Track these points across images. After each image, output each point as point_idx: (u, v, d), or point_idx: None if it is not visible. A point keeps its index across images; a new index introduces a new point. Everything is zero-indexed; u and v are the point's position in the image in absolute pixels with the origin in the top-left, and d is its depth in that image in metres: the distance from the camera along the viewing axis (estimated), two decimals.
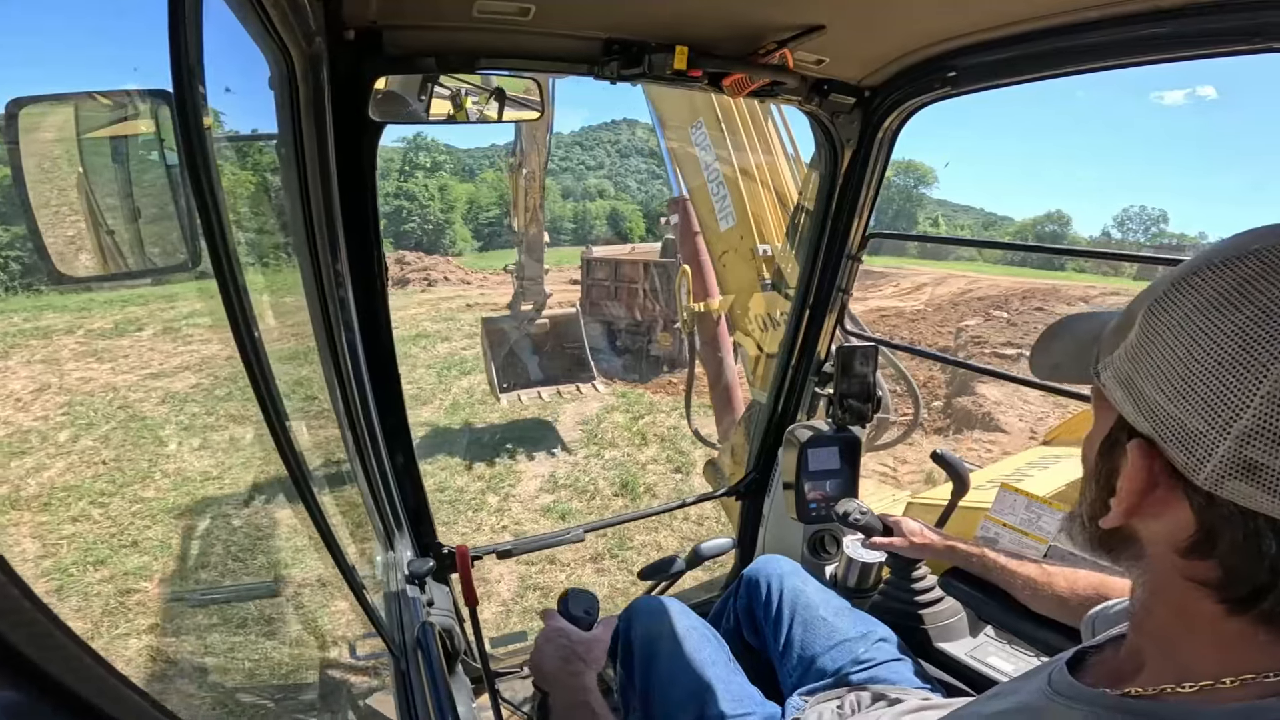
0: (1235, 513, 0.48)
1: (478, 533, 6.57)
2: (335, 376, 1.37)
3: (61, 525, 6.48)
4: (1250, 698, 0.50)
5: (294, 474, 1.01)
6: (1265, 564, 0.48)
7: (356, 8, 1.13)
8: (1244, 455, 0.46)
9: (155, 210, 0.87)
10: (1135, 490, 0.54)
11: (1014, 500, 1.71)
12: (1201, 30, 1.13)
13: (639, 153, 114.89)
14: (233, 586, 5.37)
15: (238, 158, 1.64)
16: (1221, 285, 0.49)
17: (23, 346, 13.36)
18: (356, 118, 1.24)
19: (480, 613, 1.61)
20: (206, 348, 12.92)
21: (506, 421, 9.43)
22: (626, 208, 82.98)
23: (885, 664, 1.38)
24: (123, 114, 0.81)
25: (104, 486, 7.25)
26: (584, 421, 9.61)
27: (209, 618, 5.04)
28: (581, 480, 7.70)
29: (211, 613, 5.09)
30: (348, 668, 4.21)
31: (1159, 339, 0.52)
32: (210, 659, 4.52)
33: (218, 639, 4.74)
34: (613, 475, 7.89)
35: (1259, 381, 0.45)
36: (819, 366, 2.16)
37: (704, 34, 1.37)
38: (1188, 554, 0.52)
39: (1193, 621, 0.55)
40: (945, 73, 1.55)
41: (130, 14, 25.81)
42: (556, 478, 7.75)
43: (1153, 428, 0.52)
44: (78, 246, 0.85)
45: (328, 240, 1.24)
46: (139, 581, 5.51)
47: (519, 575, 5.51)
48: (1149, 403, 0.52)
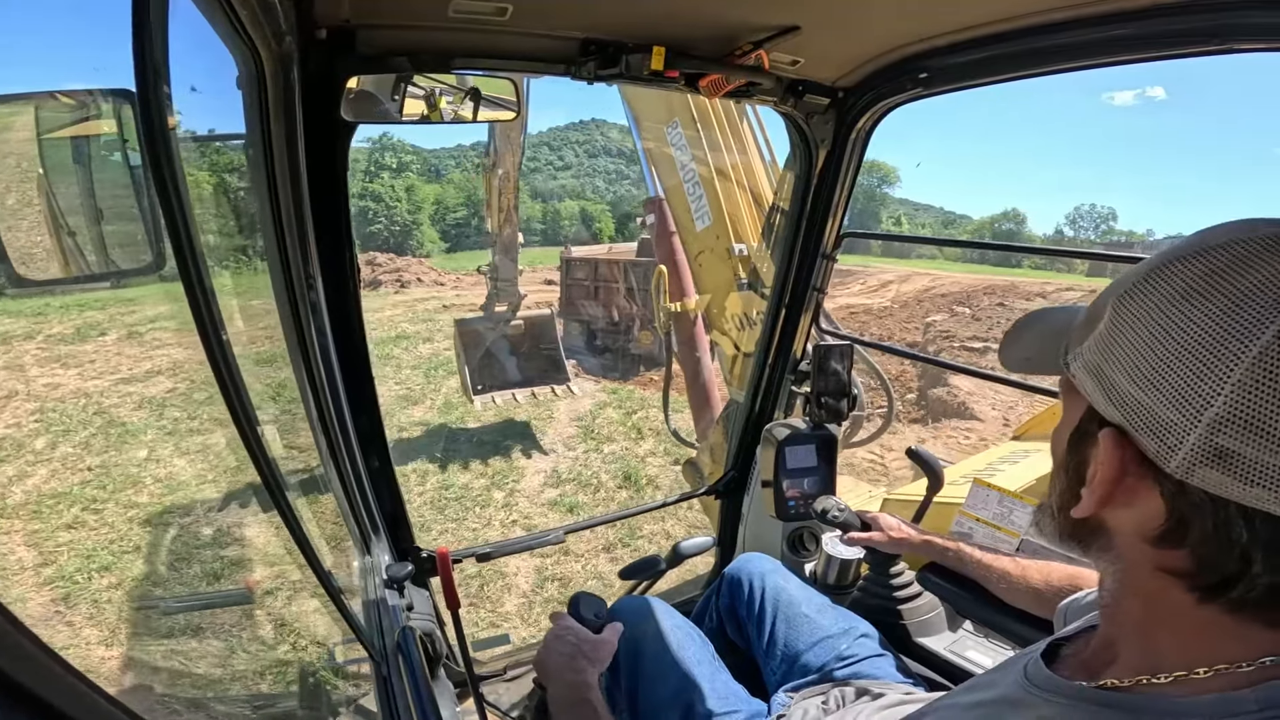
0: (1206, 500, 0.49)
1: (488, 528, 6.56)
2: (308, 380, 1.34)
3: (57, 532, 6.30)
4: (1224, 688, 0.51)
5: (266, 480, 0.99)
6: (1235, 552, 0.48)
7: (329, 6, 1.11)
8: (1215, 443, 0.47)
9: (118, 212, 0.85)
10: (1107, 479, 0.54)
11: (987, 495, 1.75)
12: (1165, 31, 1.16)
13: (607, 153, 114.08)
14: (207, 594, 5.26)
15: (204, 159, 1.60)
16: (1191, 276, 0.50)
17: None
18: (328, 118, 1.22)
19: (502, 605, 1.61)
20: (174, 352, 12.61)
21: (503, 420, 9.38)
22: (595, 208, 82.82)
23: (868, 659, 1.40)
24: (84, 114, 0.79)
25: (94, 493, 7.06)
26: (579, 418, 9.64)
27: (184, 626, 4.92)
28: (584, 474, 7.70)
29: (187, 621, 4.97)
30: (327, 675, 4.15)
31: (1129, 329, 0.53)
32: (187, 668, 4.42)
33: (194, 648, 4.64)
34: (614, 468, 7.91)
35: (1230, 370, 0.46)
36: (795, 365, 2.17)
37: (681, 35, 1.37)
38: (1159, 543, 0.53)
39: (1164, 612, 0.55)
40: (918, 74, 1.57)
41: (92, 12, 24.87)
42: (559, 472, 7.74)
43: (1124, 416, 0.52)
44: (38, 249, 0.82)
45: (298, 242, 1.22)
46: (132, 587, 5.39)
47: (535, 568, 5.55)
48: (1120, 392, 0.53)
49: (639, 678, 1.39)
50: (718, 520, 2.46)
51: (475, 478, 7.65)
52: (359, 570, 1.65)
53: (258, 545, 6.03)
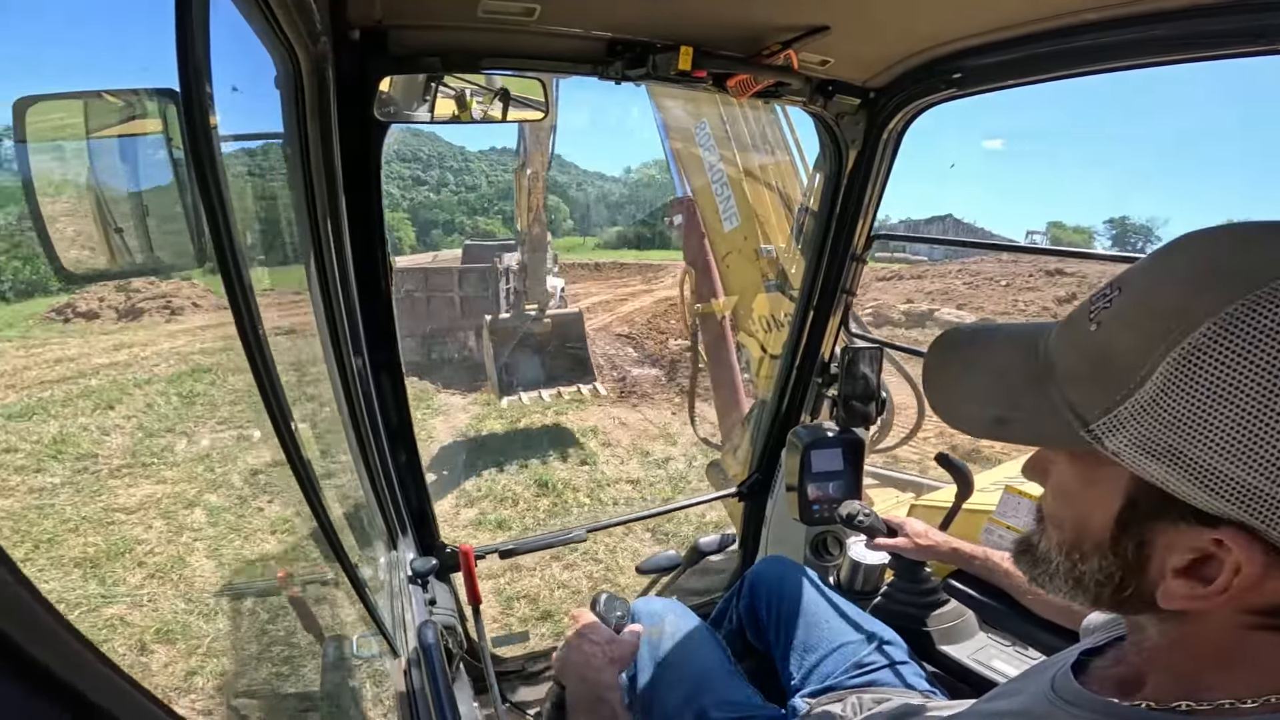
0: None
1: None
2: (339, 375, 1.37)
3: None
4: (1266, 713, 0.49)
5: (298, 472, 1.02)
6: None
7: (362, 7, 1.13)
8: None
9: (162, 208, 0.87)
10: (1248, 585, 0.47)
11: (1018, 503, 1.71)
12: (1207, 31, 1.12)
13: (400, 158, 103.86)
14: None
15: (244, 157, 1.65)
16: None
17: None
18: (361, 117, 1.24)
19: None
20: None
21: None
22: (393, 216, 77.31)
23: (888, 667, 1.38)
24: (130, 112, 0.81)
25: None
26: (461, 433, 9.05)
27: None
28: (495, 488, 7.20)
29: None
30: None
31: (1224, 399, 0.43)
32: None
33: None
34: (525, 478, 7.50)
35: None
36: (823, 368, 2.15)
37: (708, 35, 1.37)
38: (1268, 614, 0.49)
39: (1231, 647, 0.52)
40: (951, 74, 1.55)
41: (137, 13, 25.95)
42: (469, 491, 7.30)
43: (1245, 510, 0.44)
44: (84, 243, 0.85)
45: (332, 240, 1.25)
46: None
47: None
48: (1231, 482, 0.44)
49: (653, 680, 1.39)
50: (740, 522, 2.44)
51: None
52: (385, 564, 1.68)
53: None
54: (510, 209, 14.35)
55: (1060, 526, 0.60)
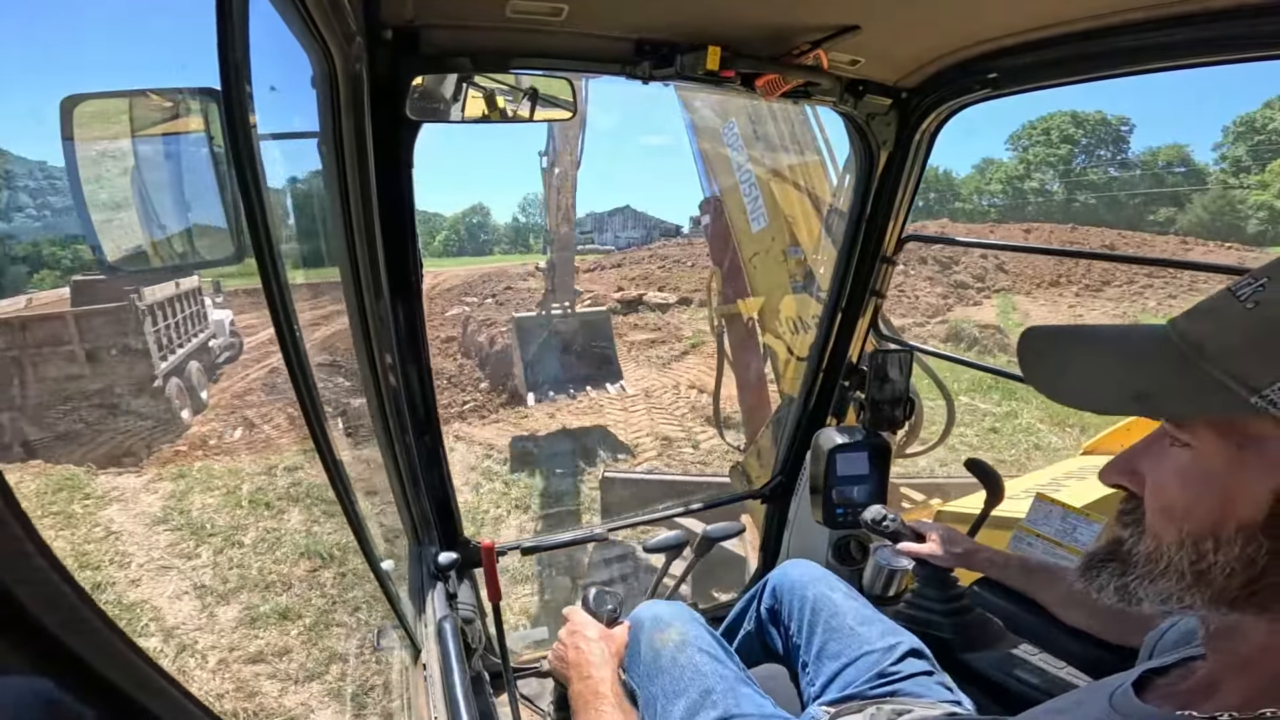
0: None
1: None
2: (369, 369, 1.40)
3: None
4: None
5: (328, 464, 1.04)
6: None
7: (394, 7, 1.15)
8: None
9: (202, 205, 0.90)
10: None
11: (1049, 511, 1.67)
12: (1249, 33, 1.09)
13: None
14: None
15: (281, 155, 1.69)
16: None
17: None
18: (394, 116, 1.27)
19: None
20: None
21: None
22: None
23: (912, 678, 1.34)
24: (173, 111, 0.84)
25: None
26: None
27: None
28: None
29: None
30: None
31: None
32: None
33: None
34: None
35: None
36: (850, 370, 2.13)
37: (736, 34, 1.37)
38: None
39: None
40: (986, 74, 1.52)
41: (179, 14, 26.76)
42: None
43: None
44: (129, 238, 0.88)
45: (365, 237, 1.27)
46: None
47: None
48: None
49: (660, 689, 1.34)
50: (762, 524, 2.43)
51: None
52: (409, 558, 1.70)
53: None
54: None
55: (1187, 517, 0.59)
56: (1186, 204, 49.06)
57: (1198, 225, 44.42)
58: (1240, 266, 1.77)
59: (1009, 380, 10.76)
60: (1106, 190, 53.49)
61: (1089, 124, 54.75)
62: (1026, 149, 54.78)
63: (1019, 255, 17.51)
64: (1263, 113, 49.01)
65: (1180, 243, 26.80)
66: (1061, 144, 55.10)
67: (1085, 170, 55.58)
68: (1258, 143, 48.55)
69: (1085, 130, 55.11)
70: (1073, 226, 28.57)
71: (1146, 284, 17.38)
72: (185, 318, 10.90)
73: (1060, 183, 55.15)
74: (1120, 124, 55.02)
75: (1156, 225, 46.19)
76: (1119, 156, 55.58)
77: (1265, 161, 46.60)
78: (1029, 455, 8.46)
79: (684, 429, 9.39)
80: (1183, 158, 53.46)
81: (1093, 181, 54.65)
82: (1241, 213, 46.14)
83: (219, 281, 13.10)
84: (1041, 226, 27.52)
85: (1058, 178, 55.30)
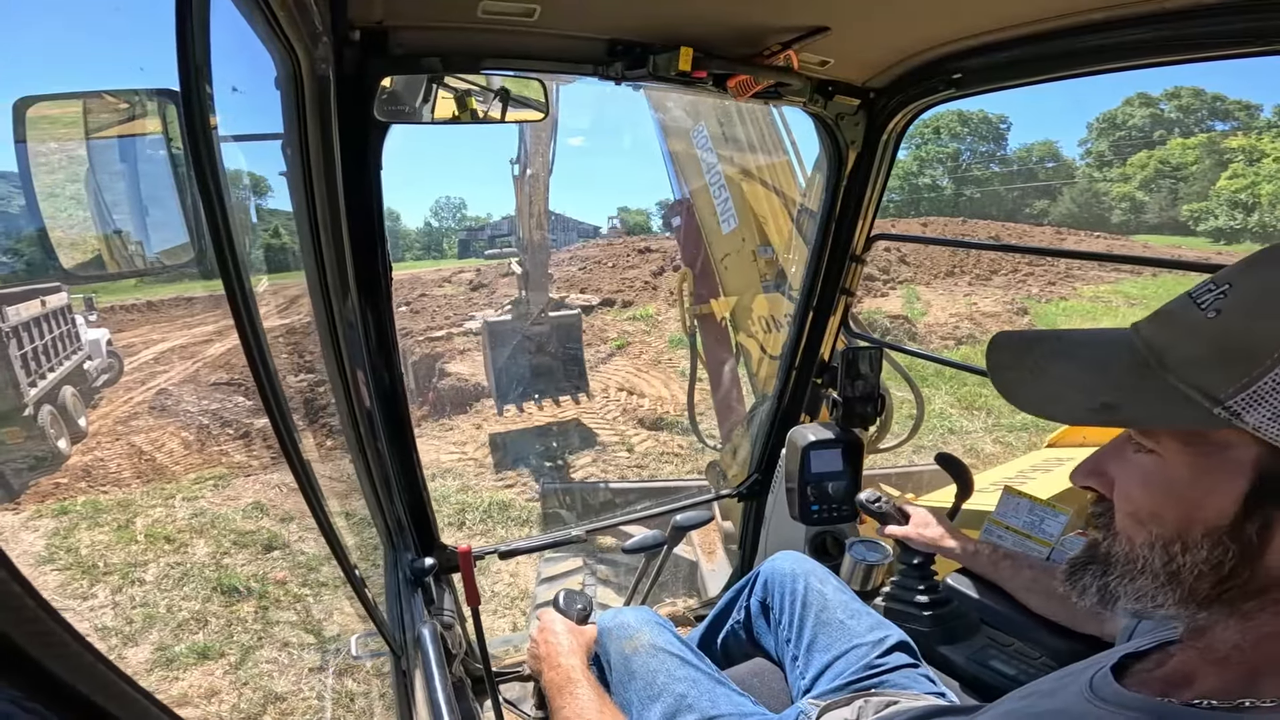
0: None
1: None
2: (338, 375, 1.37)
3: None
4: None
5: (297, 472, 1.01)
6: None
7: (362, 8, 1.13)
8: None
9: (161, 209, 0.87)
10: None
11: (1017, 503, 1.71)
12: (1207, 33, 1.13)
13: None
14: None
15: (243, 157, 1.65)
16: None
17: None
18: (362, 117, 1.24)
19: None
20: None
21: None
22: None
23: (899, 669, 1.36)
24: (130, 113, 0.81)
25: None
26: None
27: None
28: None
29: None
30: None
31: None
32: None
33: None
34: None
35: None
36: (822, 368, 2.15)
37: (708, 35, 1.37)
38: None
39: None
40: (950, 74, 1.55)
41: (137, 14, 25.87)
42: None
43: None
44: (85, 244, 0.85)
45: (332, 239, 1.24)
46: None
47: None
48: None
49: (632, 693, 1.33)
50: (739, 522, 2.44)
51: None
52: (384, 565, 1.67)
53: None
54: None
55: (1155, 521, 0.60)
56: (1058, 196, 51.84)
57: (1068, 216, 47.12)
58: (1205, 263, 1.83)
59: (940, 368, 10.79)
60: (989, 185, 56.28)
61: (973, 122, 57.46)
62: (919, 146, 56.96)
63: (916, 246, 18.20)
64: (1123, 110, 51.89)
65: (1055, 233, 27.87)
66: (950, 142, 57.66)
67: (970, 166, 58.29)
68: (1118, 138, 51.35)
69: (970, 128, 57.77)
70: (964, 220, 29.92)
71: (1029, 273, 18.78)
72: (55, 339, 9.52)
73: (949, 178, 57.64)
74: (999, 122, 58.14)
75: (1032, 217, 48.84)
76: (999, 153, 58.59)
77: (1125, 156, 49.29)
78: (944, 439, 8.79)
79: (617, 433, 9.34)
80: (1053, 153, 56.59)
81: (976, 177, 57.35)
82: (1106, 204, 48.95)
83: (91, 298, 11.82)
84: (935, 220, 28.49)
85: (947, 174, 57.73)
